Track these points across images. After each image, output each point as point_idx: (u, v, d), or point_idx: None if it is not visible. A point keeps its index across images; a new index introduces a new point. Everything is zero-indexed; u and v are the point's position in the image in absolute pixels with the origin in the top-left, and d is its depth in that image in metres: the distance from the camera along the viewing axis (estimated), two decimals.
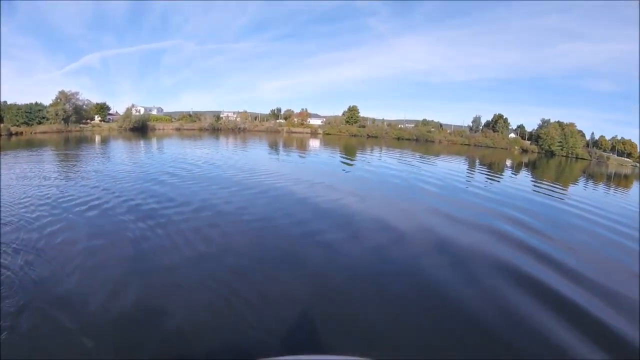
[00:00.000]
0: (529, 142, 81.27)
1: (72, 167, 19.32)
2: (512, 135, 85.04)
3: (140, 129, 64.35)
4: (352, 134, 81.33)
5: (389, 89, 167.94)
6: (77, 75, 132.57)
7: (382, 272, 7.43)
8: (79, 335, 4.63)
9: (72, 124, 56.22)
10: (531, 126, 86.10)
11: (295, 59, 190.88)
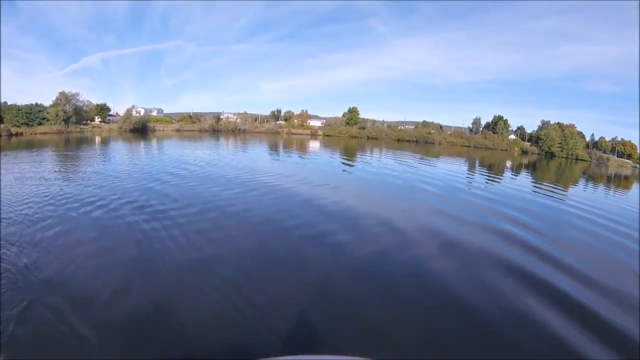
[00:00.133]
0: (529, 143, 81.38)
1: (73, 168, 19.30)
2: (512, 136, 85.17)
3: (140, 130, 64.42)
4: (352, 135, 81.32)
5: (389, 91, 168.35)
6: (77, 76, 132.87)
7: (383, 272, 7.42)
8: (81, 334, 4.62)
9: (72, 125, 56.31)
10: (531, 128, 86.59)
11: (295, 61, 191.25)
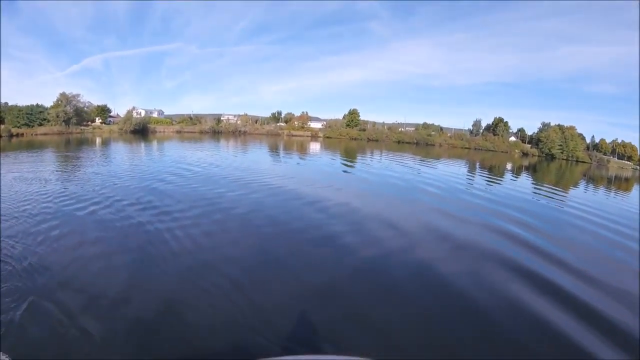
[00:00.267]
0: (530, 145, 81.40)
1: (74, 169, 19.30)
2: (513, 138, 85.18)
3: (140, 131, 64.59)
4: (353, 137, 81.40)
5: (389, 93, 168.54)
6: (78, 77, 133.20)
7: (384, 272, 7.39)
8: (83, 333, 4.59)
9: (73, 126, 56.44)
10: (532, 129, 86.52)
11: (295, 62, 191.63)
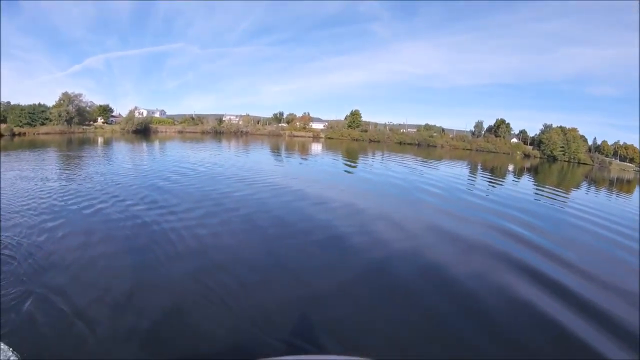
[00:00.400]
0: (531, 147, 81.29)
1: (75, 168, 19.27)
2: (515, 140, 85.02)
3: (142, 131, 64.66)
4: (354, 138, 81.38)
5: (391, 94, 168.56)
6: (80, 76, 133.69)
7: (385, 272, 7.37)
8: (84, 332, 4.59)
9: (75, 126, 56.54)
10: (533, 131, 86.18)
11: (297, 63, 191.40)
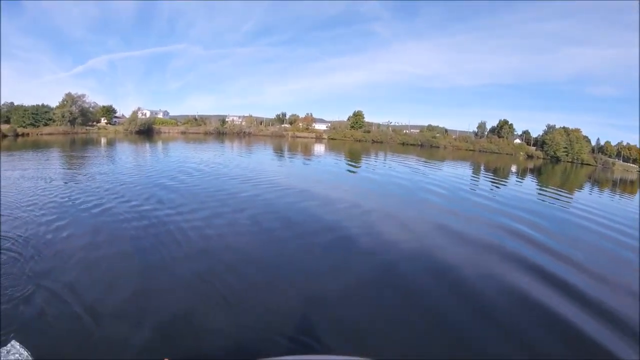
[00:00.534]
0: (535, 147, 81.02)
1: (80, 169, 19.28)
2: (518, 141, 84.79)
3: (145, 132, 64.83)
4: (357, 139, 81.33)
5: (393, 94, 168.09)
6: (84, 77, 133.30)
7: (391, 274, 7.37)
8: (85, 333, 4.65)
9: (78, 126, 56.76)
10: (536, 132, 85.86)
11: (299, 64, 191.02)
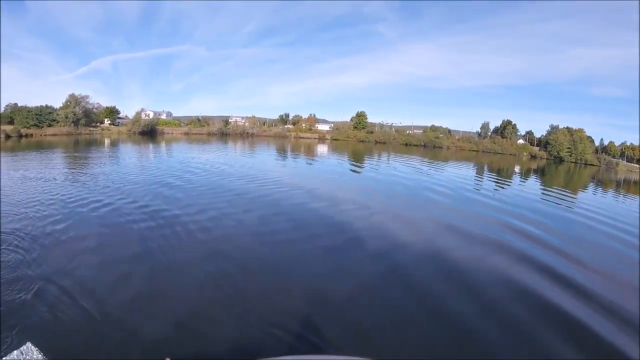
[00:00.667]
0: (538, 148, 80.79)
1: (83, 169, 19.26)
2: (521, 141, 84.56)
3: (149, 132, 64.95)
4: (360, 139, 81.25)
5: (396, 95, 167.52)
6: (87, 78, 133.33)
7: (394, 276, 7.37)
8: (87, 333, 4.71)
9: (81, 127, 56.88)
10: (540, 132, 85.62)
11: (303, 65, 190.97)
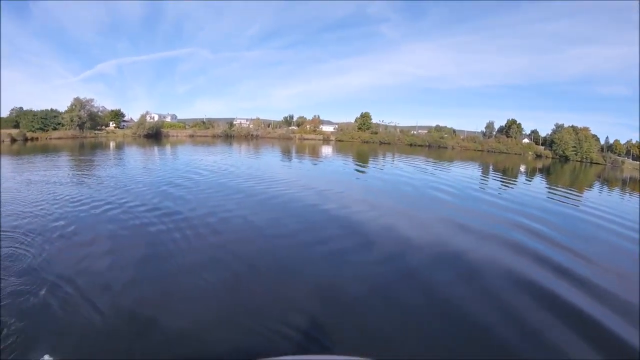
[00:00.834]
0: (543, 147, 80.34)
1: (89, 172, 19.32)
2: (526, 140, 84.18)
3: (154, 135, 65.13)
4: (365, 140, 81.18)
5: (400, 95, 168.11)
6: (92, 81, 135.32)
7: (388, 277, 7.32)
8: (88, 333, 4.71)
9: (86, 130, 57.20)
10: (545, 131, 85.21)
11: (307, 66, 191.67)
